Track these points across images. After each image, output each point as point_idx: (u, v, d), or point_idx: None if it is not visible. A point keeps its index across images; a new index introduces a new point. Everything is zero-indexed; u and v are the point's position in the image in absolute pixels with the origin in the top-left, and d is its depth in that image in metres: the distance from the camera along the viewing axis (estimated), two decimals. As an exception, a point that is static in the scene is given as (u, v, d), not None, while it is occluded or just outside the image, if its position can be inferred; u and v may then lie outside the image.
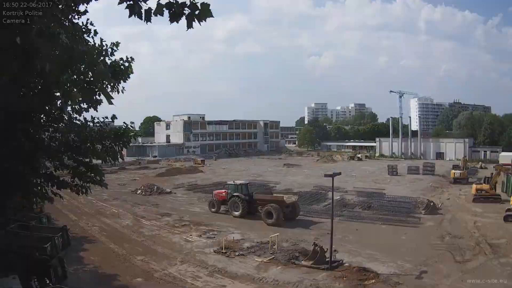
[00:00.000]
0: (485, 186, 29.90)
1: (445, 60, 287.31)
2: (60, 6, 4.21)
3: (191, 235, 20.71)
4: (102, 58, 8.62)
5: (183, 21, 3.18)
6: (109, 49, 8.83)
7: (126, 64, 9.04)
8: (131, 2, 3.30)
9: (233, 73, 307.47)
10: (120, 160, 9.80)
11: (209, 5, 3.15)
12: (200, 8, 3.07)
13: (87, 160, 9.29)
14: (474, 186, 31.13)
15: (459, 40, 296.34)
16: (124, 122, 9.89)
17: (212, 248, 17.96)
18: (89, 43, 7.94)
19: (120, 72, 8.87)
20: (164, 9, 3.18)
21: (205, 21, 3.15)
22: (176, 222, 23.52)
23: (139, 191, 34.85)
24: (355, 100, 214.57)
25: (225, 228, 22.04)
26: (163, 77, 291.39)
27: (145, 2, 3.24)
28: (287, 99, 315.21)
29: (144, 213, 26.46)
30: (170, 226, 22.66)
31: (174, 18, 3.08)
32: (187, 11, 3.07)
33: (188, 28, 3.09)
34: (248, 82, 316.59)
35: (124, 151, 11.24)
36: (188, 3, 3.13)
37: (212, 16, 3.22)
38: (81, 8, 6.71)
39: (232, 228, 21.94)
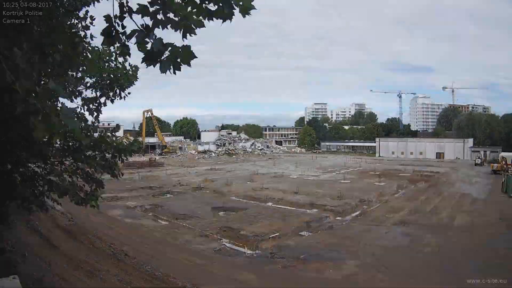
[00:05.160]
0: None
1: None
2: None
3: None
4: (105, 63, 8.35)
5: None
6: (113, 54, 8.59)
7: (130, 72, 8.76)
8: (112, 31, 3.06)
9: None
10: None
11: (190, 46, 3.05)
12: (182, 51, 2.96)
13: (88, 170, 8.67)
14: None
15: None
16: (126, 137, 9.57)
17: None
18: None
19: (123, 78, 8.60)
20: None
21: (190, 65, 3.05)
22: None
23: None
24: (355, 100, 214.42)
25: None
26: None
27: (128, 40, 3.10)
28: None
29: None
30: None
31: (151, 60, 2.92)
32: (167, 54, 2.95)
33: (162, 72, 2.96)
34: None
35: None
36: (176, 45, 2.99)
37: (196, 57, 3.14)
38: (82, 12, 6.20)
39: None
